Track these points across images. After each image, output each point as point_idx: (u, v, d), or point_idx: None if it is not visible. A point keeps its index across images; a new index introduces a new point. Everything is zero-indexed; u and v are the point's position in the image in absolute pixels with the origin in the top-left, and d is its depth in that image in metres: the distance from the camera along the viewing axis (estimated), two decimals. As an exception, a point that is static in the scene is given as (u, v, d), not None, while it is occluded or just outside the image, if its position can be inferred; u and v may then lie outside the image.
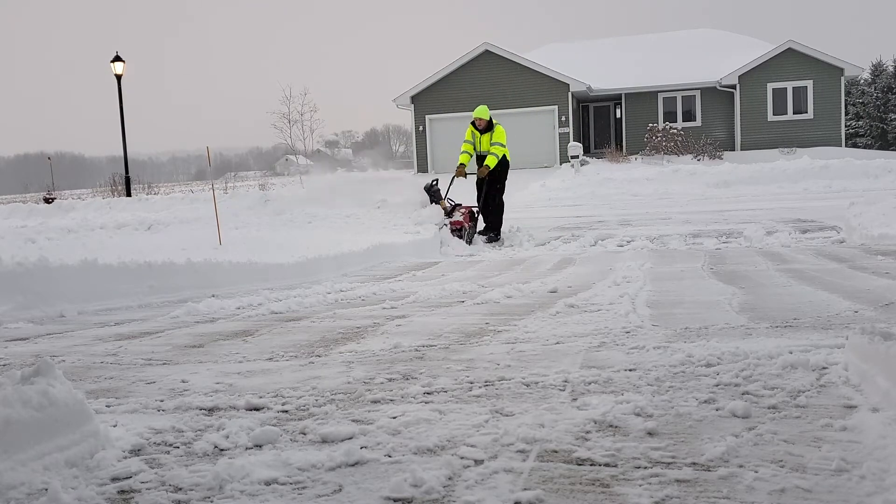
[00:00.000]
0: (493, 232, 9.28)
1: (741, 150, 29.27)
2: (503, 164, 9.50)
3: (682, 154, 28.21)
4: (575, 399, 1.88)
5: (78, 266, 4.19)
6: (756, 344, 2.39)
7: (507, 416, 1.76)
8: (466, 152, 9.42)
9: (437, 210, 9.13)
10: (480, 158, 9.35)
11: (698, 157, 27.38)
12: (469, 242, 8.82)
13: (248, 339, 3.03)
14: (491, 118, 9.54)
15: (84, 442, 1.53)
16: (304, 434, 1.69)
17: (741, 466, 1.36)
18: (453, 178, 9.47)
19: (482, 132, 9.42)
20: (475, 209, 9.25)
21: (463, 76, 30.21)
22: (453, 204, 9.26)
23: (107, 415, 1.92)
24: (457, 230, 8.89)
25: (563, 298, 3.70)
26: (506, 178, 9.58)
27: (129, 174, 23.60)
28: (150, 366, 2.57)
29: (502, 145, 9.37)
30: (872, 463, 1.33)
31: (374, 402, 1.95)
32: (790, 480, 1.29)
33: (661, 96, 30.53)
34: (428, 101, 30.64)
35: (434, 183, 9.44)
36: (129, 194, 22.24)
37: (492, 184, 9.30)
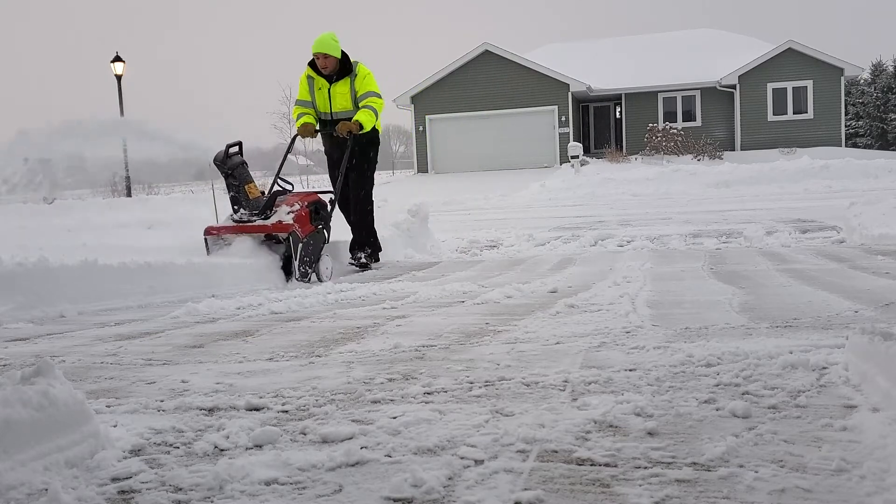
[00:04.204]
0: (362, 250, 6.02)
1: (741, 150, 29.28)
2: (372, 137, 6.04)
3: (682, 154, 28.24)
4: (575, 399, 1.88)
5: (78, 266, 4.19)
6: (756, 344, 2.39)
7: (507, 416, 1.76)
8: (306, 114, 6.00)
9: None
10: (334, 124, 5.87)
11: (698, 158, 27.40)
12: (306, 269, 5.16)
13: (248, 339, 3.03)
14: (347, 56, 5.84)
15: (84, 442, 1.53)
16: (305, 434, 1.69)
17: (741, 466, 1.36)
18: (293, 140, 6.30)
19: (332, 80, 5.85)
20: (329, 200, 5.78)
21: (463, 76, 30.24)
22: (278, 190, 5.57)
23: (107, 415, 1.92)
24: (276, 241, 5.29)
25: (563, 298, 3.70)
26: (375, 161, 6.10)
27: (129, 174, 23.61)
28: (150, 366, 2.57)
29: (378, 96, 5.93)
30: (872, 463, 1.33)
31: (374, 402, 1.95)
32: (790, 480, 1.29)
33: (660, 96, 30.55)
34: (428, 101, 30.67)
35: (235, 150, 5.35)
36: (129, 194, 22.27)
37: (357, 169, 5.96)
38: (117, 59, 24.31)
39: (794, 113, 28.99)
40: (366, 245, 6.14)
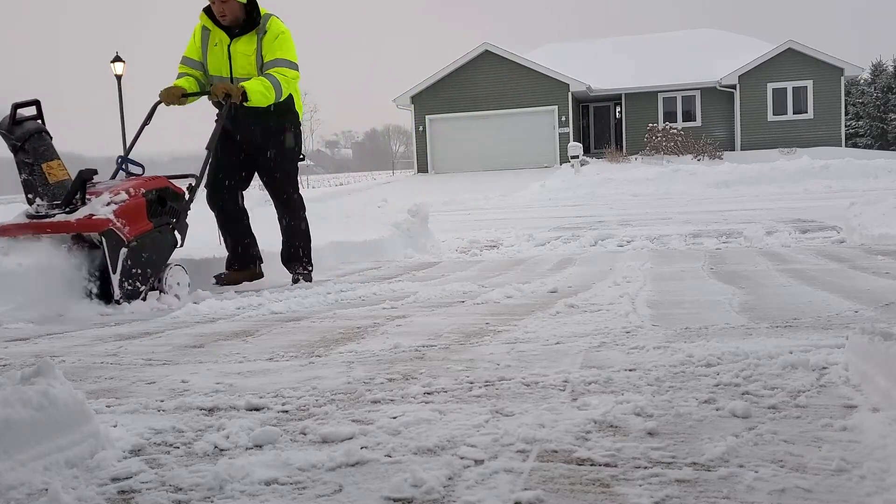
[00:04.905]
0: (299, 262, 4.94)
1: (741, 150, 29.29)
2: (282, 126, 4.65)
3: (682, 154, 28.26)
4: (575, 399, 1.88)
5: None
6: (756, 344, 2.39)
7: (507, 416, 1.76)
8: (188, 75, 4.59)
9: None
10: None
11: (698, 158, 27.41)
12: (136, 286, 3.84)
13: (248, 339, 3.03)
14: (256, 4, 4.43)
15: (84, 442, 1.53)
16: (305, 434, 1.69)
17: (741, 466, 1.36)
18: (153, 107, 4.53)
19: (234, 33, 4.42)
20: (188, 186, 4.37)
21: (463, 76, 30.25)
22: (88, 169, 3.82)
23: (107, 415, 1.92)
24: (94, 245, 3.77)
25: (563, 298, 3.70)
26: (295, 150, 4.75)
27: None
28: (150, 366, 2.57)
29: (292, 66, 4.45)
30: (872, 463, 1.33)
31: (374, 402, 1.95)
32: (790, 480, 1.29)
33: (660, 96, 30.56)
34: (428, 101, 30.68)
35: (28, 114, 3.94)
36: (129, 194, 22.25)
37: (265, 166, 4.70)
38: (117, 59, 24.32)
39: (794, 113, 29.00)
40: (302, 258, 4.94)
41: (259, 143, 4.72)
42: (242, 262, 4.83)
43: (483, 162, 28.87)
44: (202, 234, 4.99)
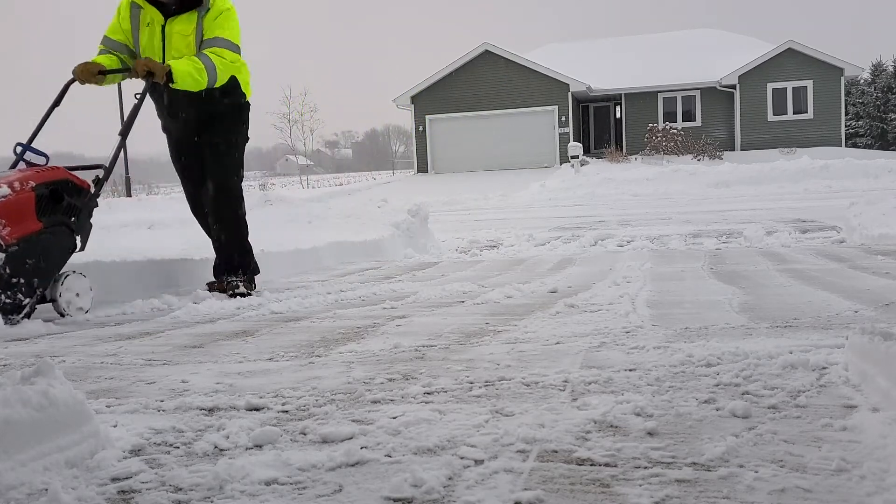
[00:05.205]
0: (234, 273, 4.32)
1: (741, 150, 29.29)
2: (229, 108, 4.18)
3: (682, 154, 28.27)
4: (575, 399, 1.88)
5: (78, 266, 4.18)
6: (756, 344, 2.39)
7: (507, 416, 1.76)
8: (110, 52, 4.01)
9: None
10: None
11: (698, 157, 27.42)
12: (17, 298, 3.32)
13: (248, 340, 3.03)
14: None
15: (84, 442, 1.53)
16: (305, 434, 1.69)
17: (741, 466, 1.36)
18: (66, 85, 3.96)
19: (170, 11, 3.89)
20: (94, 179, 3.82)
21: (463, 76, 30.24)
22: None
23: (107, 415, 1.92)
24: None
25: (563, 298, 3.71)
26: (241, 136, 4.32)
27: (130, 174, 23.63)
28: (150, 366, 2.57)
29: (232, 48, 3.92)
30: (872, 463, 1.33)
31: (374, 402, 1.95)
32: (790, 480, 1.29)
33: (660, 96, 30.56)
34: (428, 101, 30.68)
35: None
36: (129, 195, 22.31)
37: (209, 151, 4.15)
38: (117, 59, 24.36)
39: (794, 113, 29.00)
40: (239, 267, 4.31)
41: (204, 129, 4.17)
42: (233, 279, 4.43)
43: (483, 162, 28.88)
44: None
